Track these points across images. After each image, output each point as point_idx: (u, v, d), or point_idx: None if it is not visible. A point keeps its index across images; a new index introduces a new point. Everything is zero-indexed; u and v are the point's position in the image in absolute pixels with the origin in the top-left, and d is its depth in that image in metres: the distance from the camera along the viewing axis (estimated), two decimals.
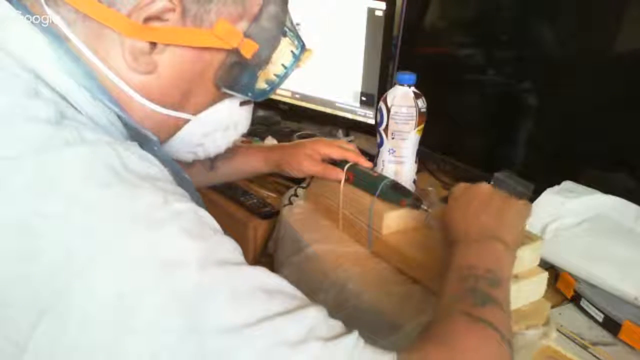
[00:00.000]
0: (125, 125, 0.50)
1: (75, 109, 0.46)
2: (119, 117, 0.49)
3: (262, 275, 0.43)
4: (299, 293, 0.44)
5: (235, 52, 0.53)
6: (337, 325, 0.43)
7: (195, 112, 0.57)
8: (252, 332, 0.39)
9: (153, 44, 0.49)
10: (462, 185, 0.69)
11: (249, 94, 0.58)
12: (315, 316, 0.42)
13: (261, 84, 0.59)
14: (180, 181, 0.51)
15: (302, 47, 0.60)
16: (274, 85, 0.60)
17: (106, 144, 0.43)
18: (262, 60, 0.55)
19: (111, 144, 0.43)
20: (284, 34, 0.57)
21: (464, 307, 0.51)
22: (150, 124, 0.53)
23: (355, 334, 0.43)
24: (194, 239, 0.41)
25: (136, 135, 0.51)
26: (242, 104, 0.61)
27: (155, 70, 0.50)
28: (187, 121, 0.57)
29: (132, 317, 0.38)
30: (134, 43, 0.48)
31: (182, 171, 0.54)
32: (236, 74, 0.55)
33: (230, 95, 0.58)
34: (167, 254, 0.40)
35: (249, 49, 0.53)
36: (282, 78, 0.60)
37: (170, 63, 0.50)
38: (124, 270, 0.38)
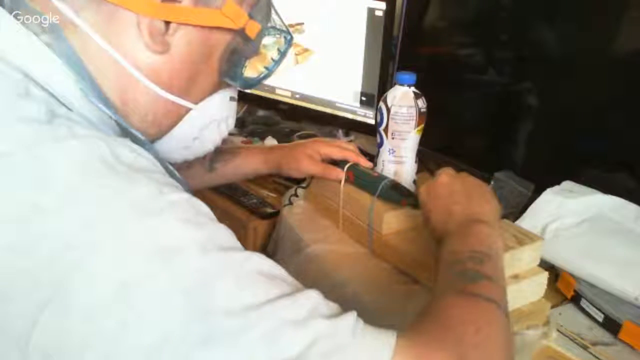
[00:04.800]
0: (118, 123, 0.51)
1: (67, 107, 0.46)
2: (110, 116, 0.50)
3: (260, 260, 0.44)
4: (292, 279, 0.46)
5: (240, 33, 0.55)
6: (335, 307, 0.44)
7: (197, 101, 0.58)
8: (258, 313, 0.40)
9: (167, 25, 0.50)
10: (423, 187, 0.70)
11: (241, 83, 0.60)
12: (315, 298, 0.43)
13: (251, 74, 0.62)
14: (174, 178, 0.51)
15: (290, 39, 0.62)
16: (267, 73, 0.63)
17: (97, 138, 0.43)
18: (259, 45, 0.58)
19: (103, 138, 0.44)
20: (272, 27, 0.60)
21: (456, 288, 0.52)
22: (154, 110, 0.54)
23: (354, 313, 0.44)
24: (192, 226, 0.42)
25: (128, 133, 0.52)
26: (231, 99, 0.63)
27: (168, 50, 0.51)
28: (188, 110, 0.58)
29: (135, 305, 0.38)
30: (152, 22, 0.49)
31: (174, 170, 0.54)
32: (234, 61, 0.57)
33: (225, 87, 0.60)
34: (166, 241, 0.40)
35: (253, 29, 0.55)
36: (275, 65, 0.63)
37: (182, 43, 0.52)
38: (124, 259, 0.39)
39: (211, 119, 0.61)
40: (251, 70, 0.61)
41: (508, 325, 0.49)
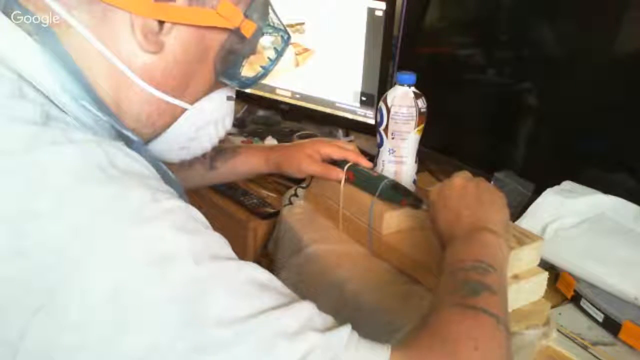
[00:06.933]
0: (111, 124, 0.51)
1: (61, 109, 0.46)
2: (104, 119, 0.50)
3: (254, 270, 0.44)
4: (287, 290, 0.45)
5: (235, 33, 0.54)
6: (329, 319, 0.44)
7: (192, 101, 0.57)
8: (251, 324, 0.40)
9: (161, 25, 0.49)
10: (436, 187, 0.69)
11: (237, 83, 0.60)
12: (309, 309, 0.43)
13: (248, 74, 0.61)
14: (168, 181, 0.50)
15: (287, 38, 0.62)
16: (264, 73, 0.63)
17: (93, 143, 0.43)
18: (255, 44, 0.57)
19: (98, 143, 0.43)
20: (270, 26, 0.59)
21: (456, 299, 0.51)
22: (148, 110, 0.53)
23: (349, 326, 0.43)
24: (187, 234, 0.42)
25: (122, 135, 0.51)
26: (228, 99, 0.62)
27: (162, 50, 0.51)
28: (183, 111, 0.57)
29: (128, 312, 0.38)
30: (145, 21, 0.48)
31: (168, 171, 0.54)
32: (230, 61, 0.57)
33: (221, 87, 0.60)
34: (161, 249, 0.40)
35: (248, 29, 0.55)
36: (272, 64, 0.63)
37: (176, 43, 0.51)
38: (118, 266, 0.38)
39: (208, 119, 0.61)
40: (248, 69, 0.60)
41: (508, 340, 0.49)
